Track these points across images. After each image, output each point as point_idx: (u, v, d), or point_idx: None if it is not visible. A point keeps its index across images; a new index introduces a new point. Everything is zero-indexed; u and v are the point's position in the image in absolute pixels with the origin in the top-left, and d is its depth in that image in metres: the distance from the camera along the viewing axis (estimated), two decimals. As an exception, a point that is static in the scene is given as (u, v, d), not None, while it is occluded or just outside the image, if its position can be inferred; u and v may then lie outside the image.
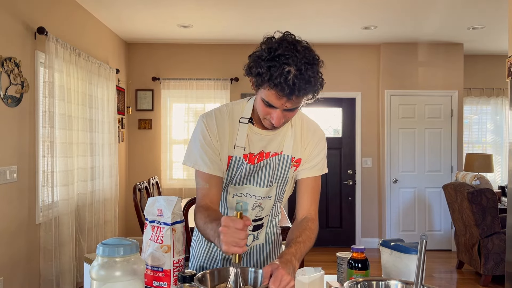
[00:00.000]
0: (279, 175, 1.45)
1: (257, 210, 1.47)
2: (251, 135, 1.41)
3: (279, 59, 1.17)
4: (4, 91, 2.83)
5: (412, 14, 4.38)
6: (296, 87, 1.17)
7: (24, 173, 3.11)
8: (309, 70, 1.19)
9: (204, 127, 1.40)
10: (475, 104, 6.24)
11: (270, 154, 1.43)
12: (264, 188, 1.43)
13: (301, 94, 1.20)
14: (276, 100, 1.23)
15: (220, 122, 1.40)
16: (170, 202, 1.29)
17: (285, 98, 1.21)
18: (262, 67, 1.20)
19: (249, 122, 1.41)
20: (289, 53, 1.18)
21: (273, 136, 1.43)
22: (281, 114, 1.27)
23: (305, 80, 1.18)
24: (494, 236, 4.10)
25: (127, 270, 0.97)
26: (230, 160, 1.40)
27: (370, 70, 5.68)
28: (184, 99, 5.53)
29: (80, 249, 3.83)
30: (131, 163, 5.63)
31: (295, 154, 1.45)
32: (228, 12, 4.29)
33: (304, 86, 1.18)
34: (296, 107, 1.28)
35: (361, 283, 1.09)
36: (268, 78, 1.18)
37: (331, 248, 5.60)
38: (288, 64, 1.17)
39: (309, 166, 1.48)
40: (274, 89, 1.19)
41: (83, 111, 3.91)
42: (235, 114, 1.42)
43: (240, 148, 1.39)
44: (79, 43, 4.03)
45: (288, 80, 1.16)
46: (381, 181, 5.62)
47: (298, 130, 1.47)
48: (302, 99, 1.25)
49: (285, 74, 1.16)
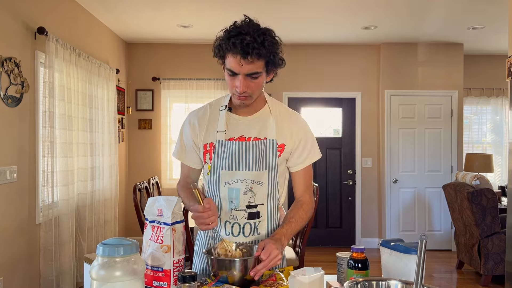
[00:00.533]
0: (267, 160, 1.53)
1: (249, 195, 1.53)
2: (230, 120, 1.56)
3: (235, 30, 1.37)
4: (4, 91, 2.83)
5: (412, 14, 4.38)
6: (250, 47, 1.34)
7: (24, 173, 3.11)
8: (262, 36, 1.36)
9: (186, 124, 1.62)
10: (475, 104, 6.25)
11: (252, 139, 1.54)
12: (253, 171, 1.51)
13: (255, 54, 1.35)
14: (234, 64, 1.39)
15: (201, 117, 1.59)
16: (170, 202, 1.29)
17: (240, 57, 1.36)
18: (223, 40, 1.40)
19: (227, 110, 1.57)
20: (245, 26, 1.38)
21: (251, 122, 1.56)
22: (244, 81, 1.41)
23: (258, 43, 1.35)
24: (494, 236, 4.10)
25: (127, 270, 0.97)
26: (213, 146, 1.54)
27: (370, 70, 5.68)
28: (184, 99, 5.54)
29: (80, 249, 3.83)
30: (131, 163, 5.63)
31: (279, 140, 1.55)
32: (228, 12, 4.30)
33: (258, 47, 1.34)
34: (256, 73, 1.40)
35: (361, 283, 1.09)
36: (227, 44, 1.37)
37: (331, 248, 5.61)
38: (244, 34, 1.35)
39: (299, 161, 1.59)
40: (231, 52, 1.37)
41: (83, 111, 3.91)
42: (216, 105, 1.61)
43: (221, 132, 1.54)
44: (79, 43, 4.03)
45: (243, 41, 1.34)
46: (381, 181, 5.62)
47: (279, 117, 1.58)
48: (259, 64, 1.39)
49: (241, 38, 1.35)
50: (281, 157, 1.55)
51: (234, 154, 1.51)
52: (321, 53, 5.63)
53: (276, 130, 1.54)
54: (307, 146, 1.58)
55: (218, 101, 1.63)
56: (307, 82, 5.60)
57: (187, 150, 1.62)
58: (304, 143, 1.58)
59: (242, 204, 1.52)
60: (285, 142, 1.55)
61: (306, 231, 3.20)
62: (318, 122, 5.73)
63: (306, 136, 1.59)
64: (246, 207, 1.53)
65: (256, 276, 1.28)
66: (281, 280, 1.33)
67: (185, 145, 1.62)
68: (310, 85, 5.63)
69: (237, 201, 1.52)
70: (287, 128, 1.56)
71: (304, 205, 1.58)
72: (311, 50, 5.56)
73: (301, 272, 1.23)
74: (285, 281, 1.32)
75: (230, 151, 1.51)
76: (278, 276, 1.36)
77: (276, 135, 1.54)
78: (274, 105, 1.60)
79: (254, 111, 1.56)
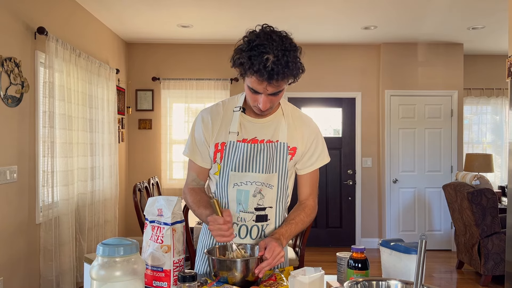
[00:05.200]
0: (278, 163, 1.52)
1: (258, 197, 1.51)
2: (243, 122, 1.54)
3: (257, 48, 1.30)
4: (4, 91, 2.83)
5: (412, 14, 4.38)
6: (274, 72, 1.29)
7: (24, 173, 3.11)
8: (285, 55, 1.30)
9: (199, 121, 1.56)
10: (475, 104, 6.24)
11: (265, 141, 1.52)
12: (263, 174, 1.50)
13: (280, 78, 1.31)
14: (258, 85, 1.35)
15: (214, 115, 1.55)
16: (170, 202, 1.29)
17: (265, 82, 1.33)
18: (243, 58, 1.33)
19: (241, 111, 1.54)
20: (266, 42, 1.30)
21: (265, 124, 1.54)
22: (266, 99, 1.39)
23: (283, 65, 1.29)
24: (494, 236, 4.10)
25: (127, 270, 0.97)
26: (225, 146, 1.51)
27: (370, 70, 5.68)
28: (184, 99, 5.53)
29: (80, 249, 3.83)
30: (131, 163, 5.63)
31: (290, 143, 1.54)
32: (228, 12, 4.30)
33: (282, 71, 1.30)
34: (279, 91, 1.39)
35: (361, 283, 1.09)
36: (249, 66, 1.31)
37: (331, 248, 5.61)
38: (266, 53, 1.29)
39: (308, 165, 1.59)
40: (255, 75, 1.32)
41: (83, 111, 3.91)
42: (230, 105, 1.57)
43: (233, 134, 1.51)
44: (79, 43, 4.03)
45: (267, 66, 1.28)
46: (381, 181, 5.62)
47: (291, 121, 1.57)
48: (283, 83, 1.36)
49: (264, 61, 1.28)
50: (292, 160, 1.54)
51: (245, 155, 1.50)
52: (321, 53, 5.63)
53: (288, 133, 1.54)
54: (317, 150, 1.58)
55: (231, 101, 1.59)
56: (307, 82, 5.60)
57: (198, 148, 1.56)
58: (315, 147, 1.58)
59: (251, 206, 1.51)
60: (297, 146, 1.55)
61: (306, 231, 3.20)
62: (318, 122, 5.63)
63: (317, 140, 1.58)
64: (255, 209, 1.52)
65: (261, 274, 1.30)
66: (281, 280, 1.33)
67: (197, 143, 1.56)
68: (310, 85, 5.63)
69: (246, 203, 1.51)
70: (299, 131, 1.56)
71: (306, 208, 1.57)
72: (311, 50, 5.56)
73: (301, 272, 1.23)
74: (285, 281, 1.32)
75: (242, 153, 1.50)
76: (278, 276, 1.36)
77: (288, 138, 1.53)
78: (287, 108, 1.59)
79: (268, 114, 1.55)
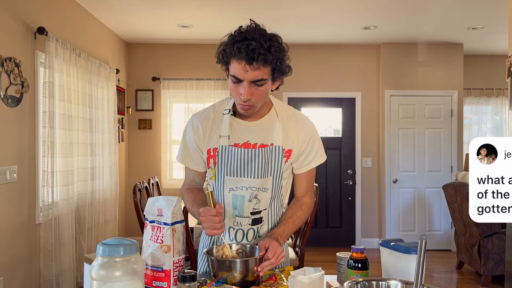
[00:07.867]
0: (273, 167, 1.50)
1: (254, 202, 1.51)
2: (234, 125, 1.51)
3: (241, 35, 1.33)
4: (4, 91, 2.83)
5: (412, 14, 4.38)
6: (255, 52, 1.29)
7: (24, 173, 3.11)
8: (269, 42, 1.32)
9: (189, 127, 1.56)
10: (475, 104, 6.24)
11: (258, 145, 1.49)
12: (258, 179, 1.48)
13: (261, 60, 1.30)
14: (240, 70, 1.33)
15: (204, 120, 1.54)
16: (170, 202, 1.29)
17: (245, 63, 1.31)
18: (227, 45, 1.35)
19: (231, 114, 1.51)
20: (251, 31, 1.33)
21: (257, 127, 1.51)
22: (248, 88, 1.35)
23: (264, 48, 1.30)
24: (494, 236, 4.10)
25: (127, 270, 0.97)
26: (217, 152, 1.50)
27: (370, 70, 5.68)
28: (184, 99, 5.53)
29: (80, 249, 3.83)
30: (131, 163, 5.63)
31: (286, 145, 1.51)
32: (228, 12, 4.30)
33: (264, 53, 1.30)
34: (261, 80, 1.35)
35: (361, 283, 1.09)
36: (232, 49, 1.32)
37: (331, 248, 5.61)
38: (250, 39, 1.31)
39: (304, 164, 1.57)
40: (237, 56, 1.31)
41: (83, 111, 3.91)
42: (220, 108, 1.55)
43: (224, 138, 1.49)
44: (79, 43, 4.03)
45: (249, 46, 1.30)
46: (381, 181, 5.62)
47: (285, 121, 1.54)
48: (264, 70, 1.34)
49: (247, 43, 1.30)
50: (287, 162, 1.53)
51: (239, 161, 1.48)
52: (321, 53, 5.63)
53: (283, 135, 1.50)
54: (313, 150, 1.56)
55: (221, 104, 1.57)
56: (307, 82, 5.60)
57: (191, 154, 1.57)
58: (311, 147, 1.55)
59: (247, 211, 1.50)
60: (292, 147, 1.52)
61: (306, 231, 3.20)
62: (318, 122, 5.73)
63: (313, 140, 1.56)
64: (251, 213, 1.51)
65: (261, 273, 1.30)
66: (281, 280, 1.33)
67: (189, 149, 1.57)
68: (310, 85, 5.63)
69: (241, 209, 1.50)
70: (294, 132, 1.52)
71: (303, 205, 1.57)
72: (311, 50, 5.56)
73: (301, 272, 1.23)
74: (285, 281, 1.32)
75: (235, 158, 1.48)
76: (278, 276, 1.36)
77: (283, 141, 1.50)
78: (280, 108, 1.55)
79: (259, 116, 1.52)
